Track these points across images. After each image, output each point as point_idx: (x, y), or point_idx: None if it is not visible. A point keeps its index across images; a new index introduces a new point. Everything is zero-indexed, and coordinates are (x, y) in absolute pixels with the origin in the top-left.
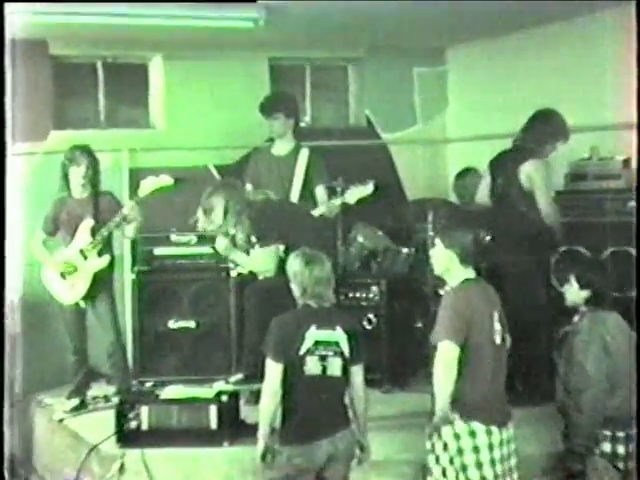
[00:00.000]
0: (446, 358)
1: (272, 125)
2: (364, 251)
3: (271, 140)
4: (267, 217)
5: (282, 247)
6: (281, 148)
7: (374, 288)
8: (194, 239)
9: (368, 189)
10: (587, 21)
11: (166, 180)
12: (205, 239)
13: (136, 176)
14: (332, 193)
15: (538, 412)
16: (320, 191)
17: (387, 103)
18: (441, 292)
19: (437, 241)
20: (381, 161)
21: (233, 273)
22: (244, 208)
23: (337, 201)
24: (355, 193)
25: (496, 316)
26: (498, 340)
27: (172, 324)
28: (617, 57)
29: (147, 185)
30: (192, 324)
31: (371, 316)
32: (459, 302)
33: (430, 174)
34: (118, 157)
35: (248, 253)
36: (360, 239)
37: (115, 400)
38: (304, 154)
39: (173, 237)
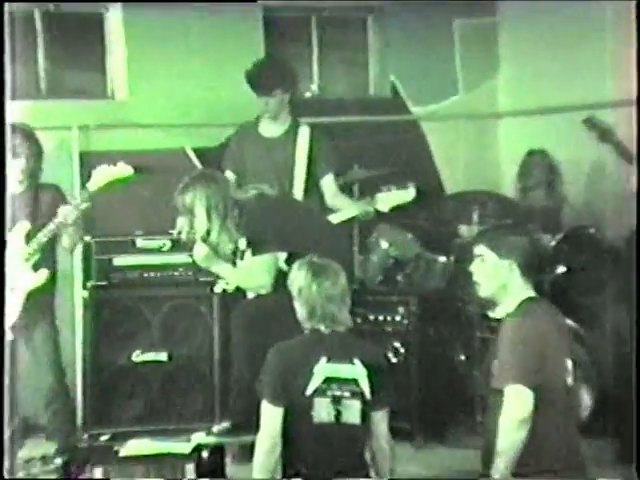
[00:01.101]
0: (518, 407)
1: (266, 103)
2: (389, 260)
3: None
4: (262, 218)
5: (282, 256)
6: (273, 128)
7: (402, 309)
8: (167, 244)
9: (407, 195)
10: None
11: (124, 170)
12: (181, 245)
13: (89, 161)
14: (347, 187)
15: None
16: (328, 183)
17: (419, 66)
18: (490, 314)
19: (484, 249)
20: (410, 143)
21: (217, 289)
22: (230, 207)
23: (369, 207)
24: (390, 199)
25: (567, 350)
26: (570, 381)
27: (137, 357)
28: None
29: (100, 176)
30: (163, 356)
31: (398, 345)
32: (530, 332)
33: (475, 159)
34: (65, 137)
35: (235, 264)
36: (383, 244)
37: (58, 462)
38: (304, 134)
39: (139, 242)
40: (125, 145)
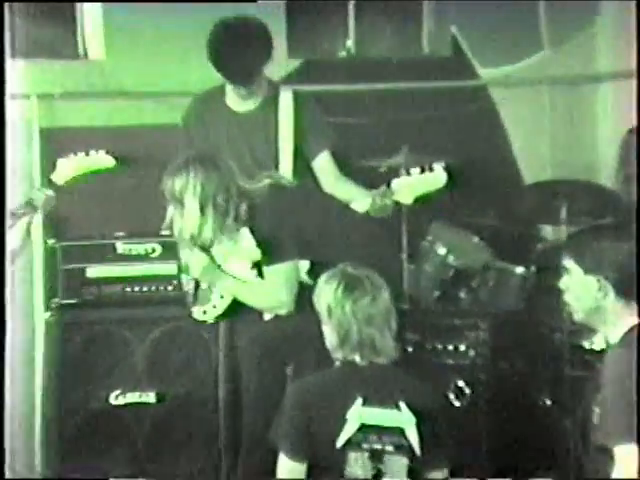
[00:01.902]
0: (635, 474)
1: (238, 89)
2: (448, 270)
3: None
4: (278, 216)
5: (305, 265)
6: (244, 101)
7: (467, 335)
8: (157, 249)
9: (435, 180)
10: None
11: (103, 162)
12: (176, 250)
13: (54, 141)
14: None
15: None
16: (322, 164)
17: (488, 16)
18: (585, 345)
19: (569, 260)
20: (477, 116)
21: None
22: (235, 201)
23: (385, 198)
24: (412, 186)
25: None
26: None
27: (116, 398)
28: None
29: (69, 168)
30: (151, 397)
31: (462, 384)
32: None
33: (564, 137)
34: (24, 108)
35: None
36: (441, 250)
37: None
38: (286, 102)
39: (121, 247)
40: (101, 120)
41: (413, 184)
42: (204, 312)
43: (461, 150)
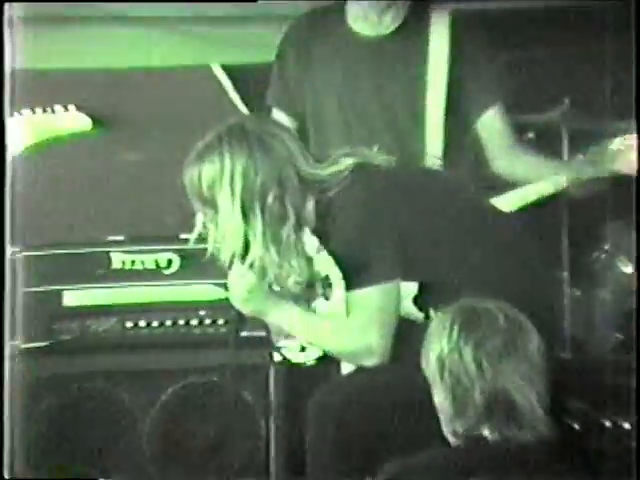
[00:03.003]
0: None
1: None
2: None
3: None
4: (364, 216)
5: (408, 290)
6: (374, 22)
7: None
8: (175, 262)
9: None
10: None
11: (76, 122)
12: (200, 261)
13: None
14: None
15: None
16: (494, 123)
17: None
18: None
19: None
20: None
21: (276, 357)
22: (298, 196)
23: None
24: (621, 157)
25: None
26: None
27: None
28: None
29: (29, 129)
30: None
31: None
32: None
33: None
34: None
35: (311, 306)
36: (626, 267)
37: None
38: (440, 27)
39: (116, 258)
40: (76, 58)
41: (623, 155)
42: (302, 348)
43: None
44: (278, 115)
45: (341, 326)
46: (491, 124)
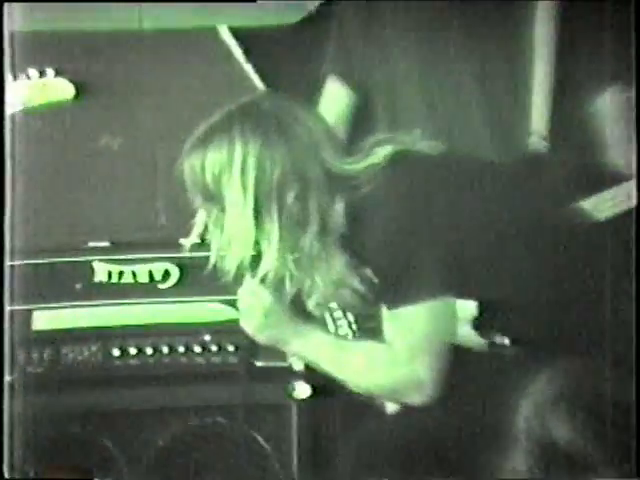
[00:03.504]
0: None
1: None
2: None
3: None
4: (408, 216)
5: (466, 310)
6: None
7: None
8: (173, 273)
9: None
10: None
11: (58, 89)
12: (204, 273)
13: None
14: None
15: None
16: (615, 103)
17: None
18: None
19: None
20: None
21: (302, 392)
22: (325, 195)
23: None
24: None
25: None
26: None
27: None
28: None
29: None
30: None
31: None
32: None
33: None
34: None
35: (354, 333)
36: None
37: None
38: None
39: (100, 268)
40: (76, 19)
41: None
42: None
43: None
44: (333, 86)
45: (380, 355)
46: (613, 105)
